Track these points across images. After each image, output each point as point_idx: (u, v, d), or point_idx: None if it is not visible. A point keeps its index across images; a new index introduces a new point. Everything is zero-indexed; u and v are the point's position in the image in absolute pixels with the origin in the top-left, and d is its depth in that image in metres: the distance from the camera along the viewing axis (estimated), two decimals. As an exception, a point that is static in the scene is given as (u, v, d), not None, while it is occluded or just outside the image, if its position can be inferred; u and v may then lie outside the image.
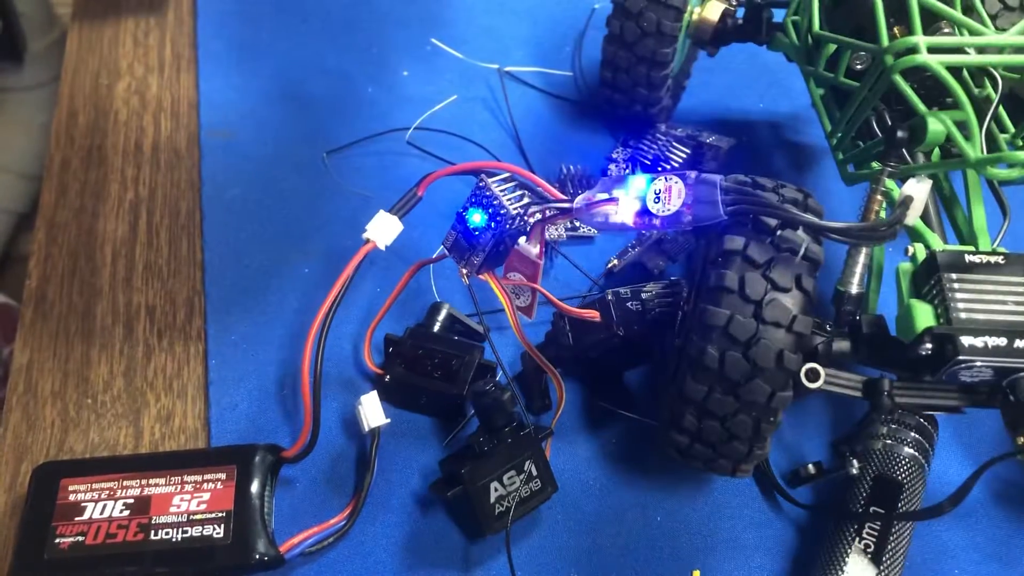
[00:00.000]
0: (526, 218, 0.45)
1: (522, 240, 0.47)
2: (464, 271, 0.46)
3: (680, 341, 0.48)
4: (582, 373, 0.55)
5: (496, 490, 0.46)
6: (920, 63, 0.47)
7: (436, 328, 0.54)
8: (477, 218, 0.44)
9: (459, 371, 0.52)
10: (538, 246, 0.47)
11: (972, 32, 0.49)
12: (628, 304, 0.51)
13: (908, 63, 0.47)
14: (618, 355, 0.52)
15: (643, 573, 0.48)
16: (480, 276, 0.46)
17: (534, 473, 0.47)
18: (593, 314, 0.50)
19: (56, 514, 0.46)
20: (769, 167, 0.68)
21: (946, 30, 0.50)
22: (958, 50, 0.48)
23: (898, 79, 0.48)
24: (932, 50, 0.47)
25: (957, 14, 0.49)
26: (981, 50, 0.48)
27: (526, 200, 0.45)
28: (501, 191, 0.44)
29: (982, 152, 0.46)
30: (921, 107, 0.47)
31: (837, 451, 0.49)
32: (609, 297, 0.51)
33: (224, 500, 0.46)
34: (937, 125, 0.47)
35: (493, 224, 0.44)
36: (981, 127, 0.46)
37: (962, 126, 0.47)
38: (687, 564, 0.49)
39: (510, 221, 0.44)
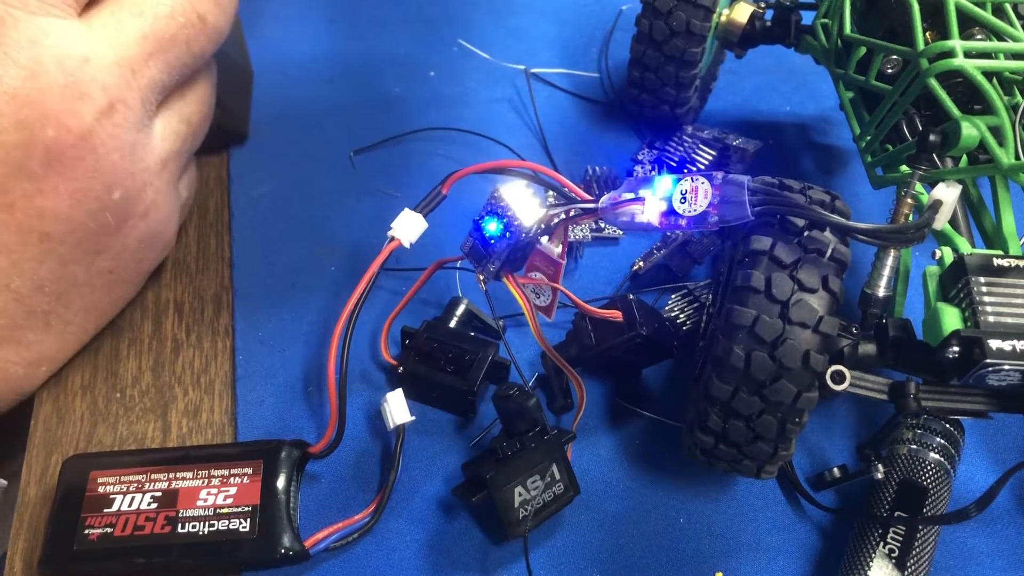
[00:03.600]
0: (540, 226, 0.45)
1: (544, 240, 0.47)
2: (481, 277, 0.46)
3: (705, 342, 0.48)
4: (603, 372, 0.55)
5: (520, 495, 0.46)
6: (956, 67, 0.46)
7: (453, 323, 0.54)
8: (493, 227, 0.45)
9: (472, 367, 0.52)
10: (560, 246, 0.47)
11: (1008, 38, 0.48)
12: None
13: (944, 67, 0.47)
14: (639, 353, 0.52)
15: (665, 574, 0.48)
16: (499, 279, 0.46)
17: (557, 477, 0.47)
18: (615, 314, 0.50)
19: (85, 506, 0.46)
20: (796, 170, 0.68)
21: (979, 36, 0.50)
22: (990, 55, 0.48)
23: (933, 83, 0.47)
24: (967, 55, 0.47)
25: (994, 19, 0.49)
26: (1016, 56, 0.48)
27: (541, 211, 0.45)
28: (515, 201, 0.44)
29: (1016, 158, 0.46)
30: (955, 111, 0.47)
31: (862, 455, 0.49)
32: (631, 296, 0.51)
33: (250, 495, 0.47)
34: (971, 130, 0.46)
35: (508, 234, 0.44)
36: (1015, 133, 0.46)
37: (994, 132, 0.47)
38: (709, 566, 0.49)
39: (524, 232, 0.44)
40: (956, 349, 0.41)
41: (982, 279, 0.42)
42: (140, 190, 0.49)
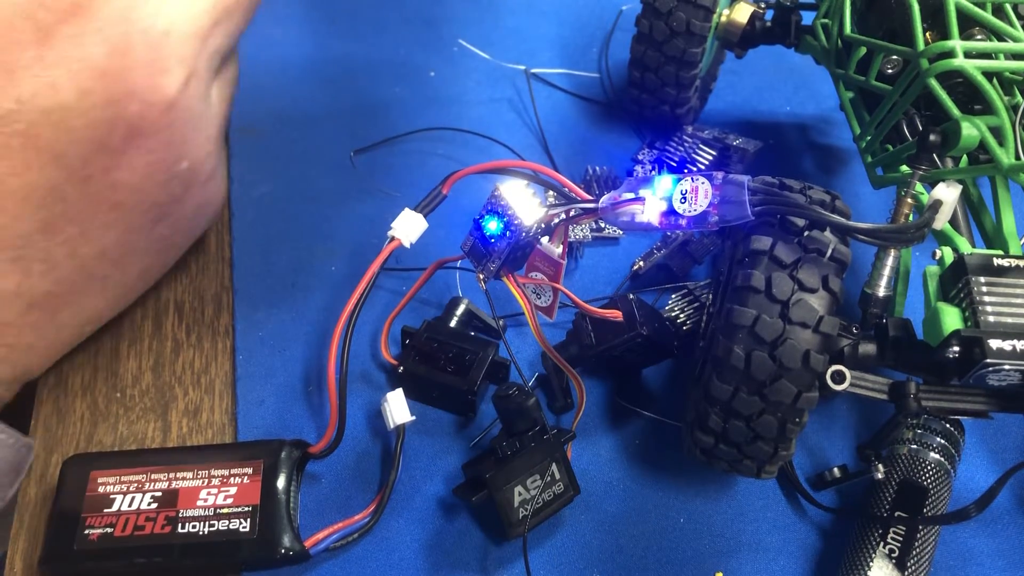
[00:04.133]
0: (540, 226, 0.45)
1: (545, 240, 0.47)
2: (481, 276, 0.46)
3: (705, 342, 0.48)
4: (603, 372, 0.55)
5: (520, 494, 0.46)
6: (956, 67, 0.46)
7: (453, 323, 0.55)
8: (493, 225, 0.45)
9: (472, 366, 0.52)
10: (561, 246, 0.47)
11: (1008, 38, 0.48)
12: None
13: (944, 67, 0.47)
14: (639, 353, 0.52)
15: (665, 574, 0.48)
16: (500, 278, 0.46)
17: (557, 476, 0.47)
18: (616, 314, 0.50)
19: (86, 506, 0.46)
20: (796, 170, 0.68)
21: (979, 36, 0.50)
22: (990, 55, 0.48)
23: (933, 83, 0.47)
24: (967, 55, 0.47)
25: (994, 19, 0.49)
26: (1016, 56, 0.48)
27: (541, 211, 0.45)
28: (515, 201, 0.44)
29: (1016, 158, 0.46)
30: (955, 111, 0.47)
31: (862, 455, 0.49)
32: (631, 296, 0.51)
33: (250, 494, 0.47)
34: (971, 130, 0.46)
35: (508, 233, 0.44)
36: (1015, 133, 0.46)
37: (994, 132, 0.47)
38: (710, 566, 0.49)
39: (524, 232, 0.44)
40: (956, 349, 0.41)
41: (982, 279, 0.42)
42: (203, 159, 0.50)
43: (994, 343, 0.40)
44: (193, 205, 0.52)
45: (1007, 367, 0.40)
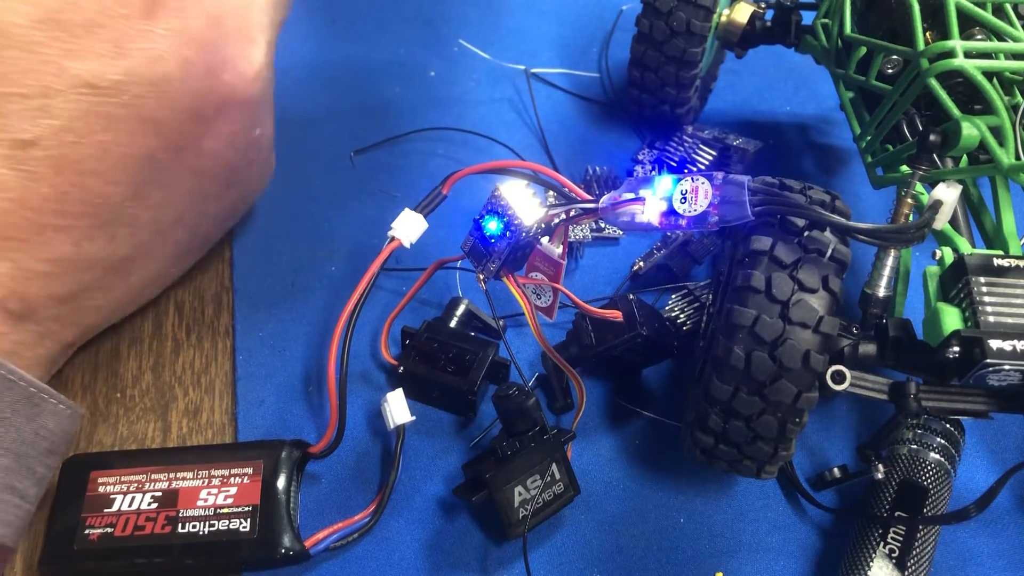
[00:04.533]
0: (540, 226, 0.45)
1: (545, 240, 0.47)
2: (481, 276, 0.46)
3: (705, 342, 0.48)
4: (603, 372, 0.55)
5: (520, 494, 0.46)
6: (957, 67, 0.46)
7: (453, 323, 0.55)
8: (493, 226, 0.45)
9: (472, 366, 0.52)
10: (561, 246, 0.47)
11: (1008, 38, 0.48)
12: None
13: (944, 67, 0.47)
14: (639, 353, 0.52)
15: (665, 574, 0.48)
16: (500, 278, 0.46)
17: (557, 476, 0.47)
18: (616, 314, 0.50)
19: (86, 506, 0.46)
20: (796, 170, 0.68)
21: (979, 36, 0.50)
22: (990, 55, 0.48)
23: (933, 83, 0.47)
24: (968, 55, 0.47)
25: (994, 19, 0.49)
26: (1016, 56, 0.48)
27: (541, 211, 0.45)
28: (515, 201, 0.44)
29: (1016, 158, 0.46)
30: (956, 111, 0.47)
31: (862, 455, 0.49)
32: (631, 296, 0.51)
33: (250, 494, 0.47)
34: (971, 130, 0.46)
35: (508, 233, 0.44)
36: (1015, 133, 0.46)
37: (994, 132, 0.47)
38: (710, 566, 0.49)
39: (524, 232, 0.44)
40: (956, 349, 0.41)
41: (982, 279, 0.42)
42: (269, 126, 0.52)
43: (994, 343, 0.40)
44: (259, 172, 0.54)
45: (1007, 367, 0.40)
